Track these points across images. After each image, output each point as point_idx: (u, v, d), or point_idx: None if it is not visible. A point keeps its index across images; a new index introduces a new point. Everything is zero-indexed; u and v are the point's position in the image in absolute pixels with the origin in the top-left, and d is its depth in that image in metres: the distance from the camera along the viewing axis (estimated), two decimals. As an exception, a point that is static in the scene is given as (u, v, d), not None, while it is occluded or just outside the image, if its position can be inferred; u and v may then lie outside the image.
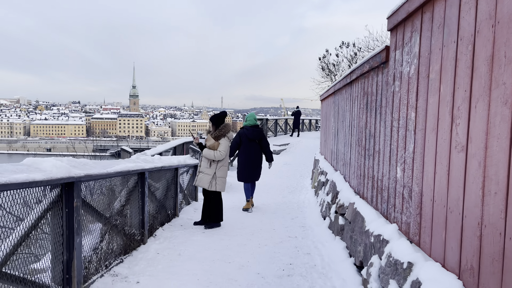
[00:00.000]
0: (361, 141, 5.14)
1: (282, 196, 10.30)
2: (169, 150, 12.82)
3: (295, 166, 16.56)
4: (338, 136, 7.41)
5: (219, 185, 6.57)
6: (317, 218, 7.26)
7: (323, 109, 10.95)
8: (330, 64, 23.25)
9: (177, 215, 7.17)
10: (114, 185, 4.46)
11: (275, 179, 13.52)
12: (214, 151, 6.48)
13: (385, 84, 4.04)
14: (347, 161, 6.23)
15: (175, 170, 7.02)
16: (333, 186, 6.73)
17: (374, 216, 4.10)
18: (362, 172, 5.02)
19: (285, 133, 25.83)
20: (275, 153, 19.34)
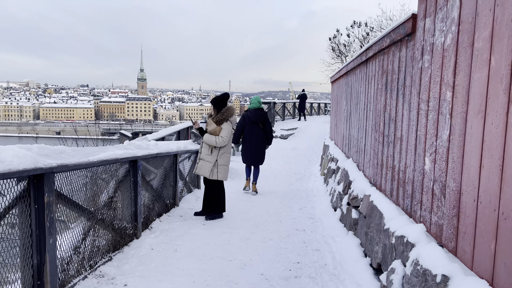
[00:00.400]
0: (378, 126, 4.58)
1: (289, 184, 9.79)
2: (173, 134, 12.33)
3: (303, 151, 16.01)
4: (351, 120, 6.83)
5: (221, 174, 6.06)
6: (327, 209, 6.74)
7: (334, 92, 10.34)
8: (341, 45, 22.38)
9: (176, 204, 6.70)
10: (99, 175, 3.96)
11: (283, 165, 13.01)
12: (215, 136, 5.95)
13: (410, 59, 3.46)
14: (361, 148, 5.67)
15: (174, 156, 6.51)
16: (345, 175, 6.18)
17: (395, 213, 3.57)
18: (379, 161, 4.46)
19: (293, 117, 25.21)
20: (282, 137, 18.80)
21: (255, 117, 8.07)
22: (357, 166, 5.90)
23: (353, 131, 6.48)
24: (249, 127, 8.15)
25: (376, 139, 4.65)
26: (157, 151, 5.39)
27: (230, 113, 6.06)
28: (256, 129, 8.15)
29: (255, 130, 8.14)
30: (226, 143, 5.98)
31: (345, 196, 5.69)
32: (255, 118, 8.07)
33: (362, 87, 5.79)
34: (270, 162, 13.43)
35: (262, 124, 8.19)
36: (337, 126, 9.21)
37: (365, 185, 4.87)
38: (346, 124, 7.40)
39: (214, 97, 6.20)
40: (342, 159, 7.19)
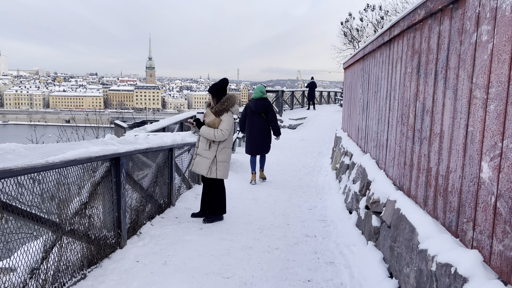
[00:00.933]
0: (406, 118, 3.80)
1: (298, 178, 9.06)
2: (176, 123, 11.65)
3: (312, 142, 15.25)
4: (368, 110, 6.05)
5: (220, 172, 5.33)
6: (341, 210, 6.00)
7: (347, 79, 9.52)
8: (353, 30, 21.24)
9: (172, 204, 6.00)
10: (67, 178, 3.25)
11: (291, 157, 12.27)
12: (214, 129, 5.21)
13: (457, 33, 2.68)
14: (382, 143, 4.90)
15: (168, 151, 5.80)
16: (362, 172, 5.43)
17: (433, 229, 2.82)
18: (408, 160, 3.70)
19: (302, 106, 24.36)
20: (291, 127, 18.03)
21: (256, 106, 7.99)
22: (377, 164, 5.14)
23: (371, 123, 5.71)
24: (250, 117, 8.11)
25: (403, 134, 3.88)
26: (146, 145, 4.67)
27: (231, 102, 5.31)
28: (257, 119, 8.05)
29: (256, 120, 8.05)
30: (226, 137, 5.25)
31: (363, 198, 4.95)
32: (256, 108, 7.99)
33: (383, 72, 5.00)
34: (278, 154, 12.71)
35: (265, 113, 8.07)
36: (351, 117, 8.43)
37: (389, 188, 4.11)
38: (362, 114, 6.62)
39: (212, 84, 5.44)
40: (357, 154, 6.42)
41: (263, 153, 8.34)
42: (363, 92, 6.74)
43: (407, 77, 3.84)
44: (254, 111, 8.02)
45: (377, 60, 5.50)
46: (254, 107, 8.00)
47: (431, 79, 3.14)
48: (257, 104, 7.99)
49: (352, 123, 8.03)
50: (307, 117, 19.91)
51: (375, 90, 5.55)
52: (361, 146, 6.71)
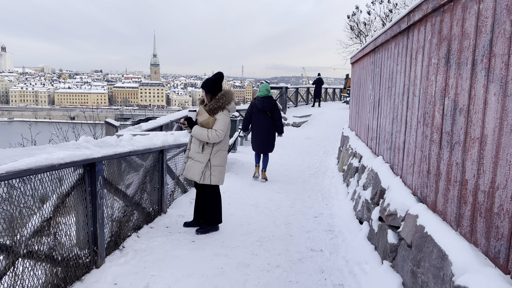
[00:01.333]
0: (431, 117, 3.22)
1: (302, 180, 8.48)
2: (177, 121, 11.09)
3: (317, 140, 14.65)
4: (381, 108, 5.46)
5: (215, 177, 4.76)
6: (350, 219, 5.41)
7: (355, 74, 8.92)
8: (361, 23, 20.46)
9: (163, 211, 5.45)
10: (23, 191, 2.69)
11: (295, 156, 11.69)
12: (208, 129, 4.63)
13: (506, 11, 2.09)
14: (398, 146, 4.31)
15: (159, 153, 5.24)
16: (373, 178, 4.84)
17: (471, 258, 2.24)
18: (432, 168, 3.12)
19: (306, 103, 23.74)
20: (295, 125, 17.44)
21: (262, 105, 7.94)
22: (391, 169, 4.55)
23: (384, 122, 5.12)
24: (256, 116, 8.05)
25: (426, 136, 3.29)
26: (130, 148, 4.11)
27: (227, 99, 4.73)
28: (263, 117, 8.02)
29: (262, 118, 8.01)
30: (221, 138, 4.67)
31: (376, 208, 4.36)
32: (262, 106, 7.94)
33: (399, 65, 4.41)
34: (281, 153, 12.14)
35: (270, 112, 8.04)
36: (359, 115, 7.83)
37: (408, 199, 3.53)
38: (374, 112, 6.02)
39: (206, 79, 4.85)
40: (367, 156, 5.83)
41: (267, 151, 8.30)
42: (373, 88, 6.15)
43: (431, 69, 3.25)
44: (260, 109, 7.97)
45: (391, 52, 4.90)
46: (261, 105, 7.94)
47: (466, 70, 2.55)
48: (263, 102, 7.95)
49: (361, 122, 7.43)
50: (312, 115, 19.30)
51: (388, 86, 4.95)
52: (371, 147, 6.12)
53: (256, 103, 8.04)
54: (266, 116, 8.02)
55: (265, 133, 8.03)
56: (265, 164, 8.36)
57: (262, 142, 8.09)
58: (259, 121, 8.02)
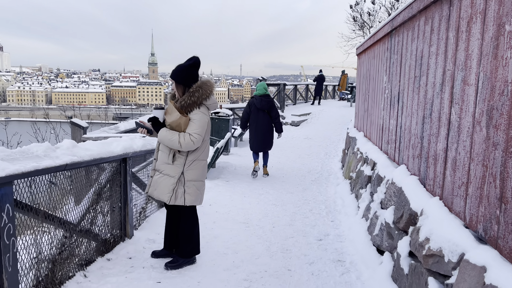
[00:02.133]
0: (501, 115, 2.09)
1: (302, 188, 7.36)
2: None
3: (318, 141, 13.53)
4: (402, 103, 4.32)
5: (190, 196, 3.61)
6: (364, 245, 4.28)
7: (363, 66, 7.78)
8: (364, 14, 19.21)
9: (128, 235, 4.30)
10: None
11: (294, 159, 10.57)
12: (180, 133, 3.49)
13: None
14: (434, 154, 3.17)
15: (120, 163, 4.10)
16: (397, 194, 3.71)
17: None
18: (510, 193, 1.99)
19: (305, 101, 22.58)
20: (294, 124, 16.32)
21: (261, 104, 7.91)
22: (422, 184, 3.42)
23: (409, 122, 3.98)
24: (255, 114, 8.01)
25: (495, 145, 2.16)
26: (66, 160, 2.96)
27: (205, 92, 3.57)
28: (262, 116, 7.99)
29: (261, 117, 7.98)
30: (197, 144, 3.52)
31: (404, 238, 3.23)
32: (261, 105, 7.91)
33: (434, 46, 3.27)
34: (279, 155, 11.02)
35: (268, 111, 8.00)
36: (368, 113, 6.70)
37: (460, 235, 2.40)
38: (391, 110, 4.89)
39: (176, 66, 3.69)
40: (384, 164, 4.69)
41: (267, 150, 8.30)
42: (390, 80, 5.01)
43: (501, 43, 2.12)
44: (259, 108, 7.93)
45: (418, 30, 3.77)
46: (260, 104, 7.91)
47: None
48: (262, 101, 7.93)
49: (371, 121, 6.30)
50: (312, 113, 18.17)
51: (415, 75, 3.82)
52: (388, 152, 4.99)
53: (254, 102, 7.99)
54: (265, 115, 7.99)
55: (264, 132, 8.01)
56: (266, 160, 8.42)
57: (262, 140, 8.07)
58: (258, 120, 7.99)
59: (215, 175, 8.21)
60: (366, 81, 7.10)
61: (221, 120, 10.78)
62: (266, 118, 8.00)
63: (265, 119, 7.99)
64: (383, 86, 5.47)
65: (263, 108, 7.92)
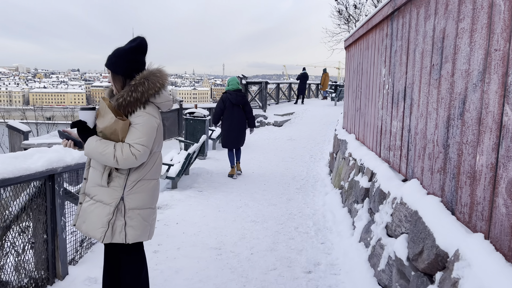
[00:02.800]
0: None
1: (287, 199, 6.44)
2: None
3: (302, 142, 12.65)
4: (411, 101, 3.42)
5: (133, 230, 2.59)
6: (366, 283, 3.33)
7: (352, 59, 6.90)
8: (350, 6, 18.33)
9: (59, 276, 3.27)
10: None
11: (277, 162, 9.65)
12: (115, 144, 2.50)
13: None
14: (473, 171, 2.26)
15: (45, 181, 3.08)
16: (413, 222, 2.79)
17: None
18: None
19: (288, 100, 21.68)
20: (276, 124, 15.42)
21: (236, 99, 7.79)
22: (450, 210, 2.52)
23: (423, 125, 3.08)
24: (229, 110, 7.82)
25: None
26: None
27: (153, 86, 2.57)
28: (237, 111, 7.85)
29: (236, 112, 7.84)
30: (143, 158, 2.51)
31: (429, 287, 2.32)
32: (236, 100, 7.79)
33: (467, 20, 2.37)
34: (260, 159, 10.09)
35: (243, 106, 7.88)
36: (361, 112, 5.81)
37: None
38: (393, 109, 3.99)
39: (115, 49, 2.71)
40: (386, 176, 3.78)
41: (239, 145, 8.14)
42: (391, 73, 4.11)
43: None
44: (234, 103, 7.78)
45: (438, 3, 2.87)
46: (235, 99, 7.77)
47: None
48: (238, 96, 7.81)
49: (366, 122, 5.41)
50: (295, 113, 17.29)
51: (434, 63, 2.91)
52: (389, 160, 4.09)
53: (229, 97, 7.78)
54: (239, 110, 7.86)
55: (239, 127, 7.89)
56: (239, 157, 8.24)
57: (237, 136, 7.91)
58: (233, 116, 7.81)
59: (188, 184, 7.23)
60: (358, 76, 6.21)
61: (196, 121, 9.77)
62: (241, 113, 7.86)
63: (240, 115, 7.85)
64: (381, 80, 4.57)
65: (238, 103, 7.78)
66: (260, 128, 15.32)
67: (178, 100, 13.57)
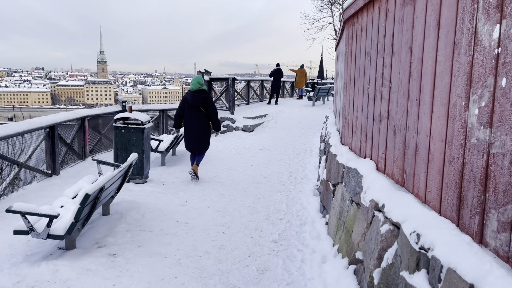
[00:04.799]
0: None
1: (257, 269, 3.77)
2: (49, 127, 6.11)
3: (278, 153, 10.04)
4: None
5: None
6: None
7: (361, 37, 4.25)
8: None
9: None
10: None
11: (245, 185, 7.03)
12: None
13: None
14: None
15: None
16: None
17: None
18: None
19: (260, 99, 19.00)
20: (246, 129, 12.71)
21: (193, 100, 7.08)
22: None
23: None
24: (188, 111, 7.17)
25: None
26: None
27: None
28: (195, 113, 7.14)
29: (195, 114, 7.15)
30: None
31: None
32: (193, 101, 7.08)
33: None
34: (223, 179, 7.43)
35: (204, 107, 7.14)
36: (393, 125, 3.16)
37: None
38: None
39: None
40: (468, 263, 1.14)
41: (202, 151, 7.44)
42: None
43: None
44: (192, 105, 7.11)
45: None
46: (192, 100, 7.09)
47: None
48: (194, 97, 7.09)
49: (408, 145, 2.76)
50: (268, 115, 14.64)
51: None
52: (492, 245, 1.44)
53: (187, 98, 7.19)
54: (199, 112, 7.18)
55: (198, 131, 7.21)
56: (200, 160, 7.50)
57: (196, 141, 7.26)
58: (191, 118, 7.19)
59: (97, 238, 4.45)
60: (380, 61, 3.55)
61: (130, 131, 6.94)
62: (200, 115, 7.17)
63: (199, 117, 7.16)
64: (458, 62, 1.93)
65: (196, 105, 7.10)
66: (226, 134, 12.59)
67: (121, 100, 10.64)
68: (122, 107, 10.48)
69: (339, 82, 6.81)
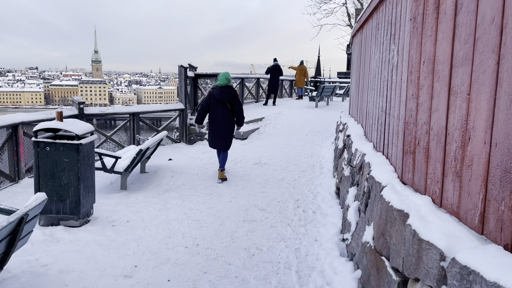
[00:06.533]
0: None
1: None
2: None
3: (278, 169, 7.81)
4: None
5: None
6: None
7: None
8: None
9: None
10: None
11: (235, 227, 4.69)
12: None
13: None
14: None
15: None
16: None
17: None
18: None
19: (256, 100, 16.64)
20: (239, 136, 10.42)
21: (221, 95, 6.98)
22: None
23: None
24: (214, 107, 7.09)
25: None
26: None
27: None
28: (222, 109, 7.05)
29: (221, 110, 7.06)
30: None
31: None
32: (220, 96, 6.98)
33: None
34: (203, 215, 5.03)
35: (230, 103, 7.07)
36: None
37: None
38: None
39: None
40: None
41: (225, 148, 7.18)
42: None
43: None
44: (218, 99, 6.99)
45: None
46: (219, 95, 6.96)
47: None
48: (222, 92, 6.97)
49: None
50: (265, 118, 12.33)
51: None
52: None
53: (214, 93, 7.04)
54: (226, 108, 7.03)
55: (224, 127, 7.04)
56: (224, 162, 7.20)
57: (223, 137, 7.06)
58: (217, 114, 7.02)
59: None
60: None
61: (58, 148, 4.58)
62: (227, 111, 7.04)
63: (225, 113, 7.03)
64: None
65: (223, 100, 6.97)
66: (214, 142, 10.27)
67: (77, 101, 8.29)
68: (78, 110, 8.15)
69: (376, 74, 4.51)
